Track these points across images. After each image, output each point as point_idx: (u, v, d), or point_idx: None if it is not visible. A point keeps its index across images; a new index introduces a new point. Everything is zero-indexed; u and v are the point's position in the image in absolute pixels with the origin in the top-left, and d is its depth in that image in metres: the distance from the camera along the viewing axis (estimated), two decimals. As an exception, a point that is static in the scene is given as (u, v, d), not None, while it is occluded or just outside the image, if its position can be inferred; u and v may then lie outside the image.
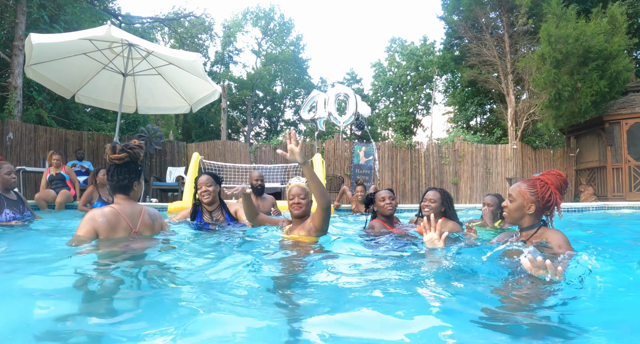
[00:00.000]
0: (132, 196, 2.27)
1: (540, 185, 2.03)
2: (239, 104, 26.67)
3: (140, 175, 2.28)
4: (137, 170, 2.24)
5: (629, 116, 9.86)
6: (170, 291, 1.47)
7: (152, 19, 16.99)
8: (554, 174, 2.07)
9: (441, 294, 1.50)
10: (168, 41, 24.07)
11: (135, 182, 2.25)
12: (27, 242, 2.84)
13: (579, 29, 9.25)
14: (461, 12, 13.95)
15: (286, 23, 28.15)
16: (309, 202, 2.69)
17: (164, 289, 1.51)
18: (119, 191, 2.23)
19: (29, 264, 1.96)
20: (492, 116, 17.66)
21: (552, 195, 2.01)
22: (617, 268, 1.75)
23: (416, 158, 11.62)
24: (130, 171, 2.21)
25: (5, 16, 10.57)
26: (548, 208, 2.05)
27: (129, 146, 2.18)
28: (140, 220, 2.25)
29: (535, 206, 2.02)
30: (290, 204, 2.67)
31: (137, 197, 2.33)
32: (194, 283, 1.59)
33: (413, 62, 24.00)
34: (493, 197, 3.73)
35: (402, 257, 2.21)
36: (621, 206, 7.25)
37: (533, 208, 2.02)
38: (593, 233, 3.95)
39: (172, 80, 8.51)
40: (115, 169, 2.19)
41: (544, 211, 2.06)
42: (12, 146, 8.63)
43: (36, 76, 7.59)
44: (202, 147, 11.74)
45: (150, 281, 1.58)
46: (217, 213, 3.34)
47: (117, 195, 2.24)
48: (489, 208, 3.67)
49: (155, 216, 2.39)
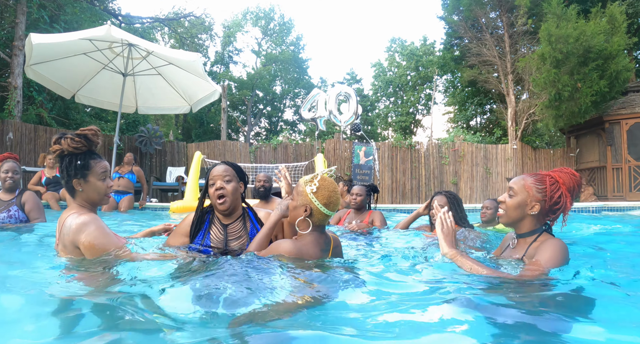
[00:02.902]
0: (79, 198, 1.83)
1: (550, 182, 1.68)
2: (239, 104, 26.67)
3: (83, 170, 1.79)
4: (76, 165, 1.78)
5: (629, 116, 9.86)
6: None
7: (152, 19, 17.00)
8: (568, 173, 1.70)
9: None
10: (168, 41, 24.07)
11: (75, 181, 1.79)
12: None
13: (579, 29, 9.25)
14: (461, 12, 13.95)
15: (286, 23, 28.15)
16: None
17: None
18: (67, 192, 1.86)
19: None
20: (492, 116, 17.66)
21: (562, 196, 1.66)
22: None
23: (416, 158, 11.62)
24: (65, 166, 1.78)
25: (5, 16, 10.57)
26: (554, 212, 1.70)
27: (63, 135, 1.77)
28: (59, 232, 1.80)
29: (540, 207, 1.69)
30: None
31: (91, 199, 1.84)
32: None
33: (413, 62, 24.00)
34: (492, 201, 3.71)
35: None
36: (622, 207, 7.25)
37: (537, 208, 1.69)
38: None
39: (172, 81, 8.51)
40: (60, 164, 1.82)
41: (548, 215, 1.72)
42: (12, 146, 8.63)
43: (36, 76, 7.59)
44: (202, 147, 11.75)
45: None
46: (237, 225, 2.01)
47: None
48: (487, 211, 3.65)
49: (67, 230, 1.73)
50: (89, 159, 1.81)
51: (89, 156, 1.82)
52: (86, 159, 1.80)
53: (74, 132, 1.81)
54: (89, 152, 1.82)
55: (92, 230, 1.70)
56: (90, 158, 1.82)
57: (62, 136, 1.76)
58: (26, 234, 3.00)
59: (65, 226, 1.75)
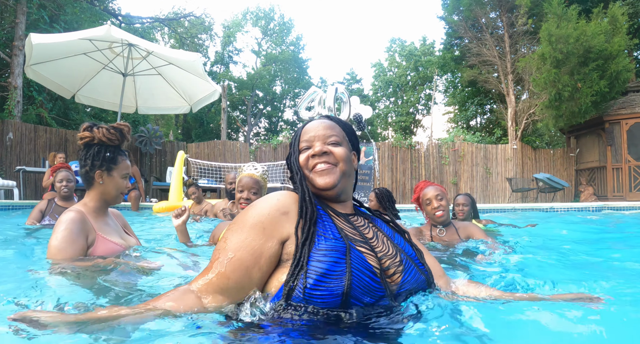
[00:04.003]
0: (94, 191, 1.75)
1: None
2: (239, 104, 26.67)
3: (110, 163, 1.73)
4: (105, 156, 1.71)
5: (629, 116, 9.86)
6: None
7: (152, 19, 17.00)
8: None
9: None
10: (168, 41, 24.07)
11: (99, 172, 1.71)
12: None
13: (580, 29, 9.25)
14: (461, 12, 13.95)
15: (286, 23, 28.16)
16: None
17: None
18: (83, 182, 1.77)
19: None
20: (492, 116, 17.66)
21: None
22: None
23: (416, 158, 11.62)
24: (92, 155, 1.70)
25: (5, 16, 10.56)
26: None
27: (95, 125, 1.71)
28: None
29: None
30: (238, 199, 2.18)
31: (107, 194, 1.77)
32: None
33: (413, 62, 24.02)
34: (466, 196, 3.55)
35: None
36: (623, 207, 7.25)
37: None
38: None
39: (172, 81, 8.51)
40: (81, 152, 1.74)
41: None
42: (12, 146, 8.63)
43: (36, 76, 7.59)
44: (202, 147, 11.75)
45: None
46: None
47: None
48: (465, 208, 3.49)
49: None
50: (117, 154, 1.76)
51: (118, 152, 1.76)
52: (115, 153, 1.75)
53: (108, 124, 1.74)
54: (117, 148, 1.77)
55: (60, 230, 1.59)
56: (119, 154, 1.76)
57: (94, 125, 1.69)
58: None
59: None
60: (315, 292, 0.91)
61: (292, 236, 1.00)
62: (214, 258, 1.00)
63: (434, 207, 2.55)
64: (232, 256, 0.97)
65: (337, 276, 0.93)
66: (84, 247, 1.62)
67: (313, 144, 1.15)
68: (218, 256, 0.99)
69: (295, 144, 1.19)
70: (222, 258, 0.97)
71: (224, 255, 0.98)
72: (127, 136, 1.76)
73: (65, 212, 1.67)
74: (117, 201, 1.81)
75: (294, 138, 1.20)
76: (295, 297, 0.93)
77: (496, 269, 1.86)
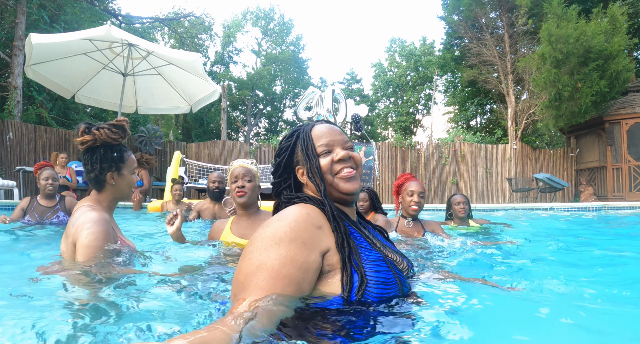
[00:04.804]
0: (108, 192, 1.70)
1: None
2: (239, 104, 26.68)
3: (118, 163, 1.69)
4: (112, 157, 1.66)
5: (629, 116, 9.86)
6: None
7: (152, 19, 17.00)
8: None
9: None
10: (168, 41, 24.08)
11: (110, 174, 1.67)
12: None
13: (580, 29, 9.25)
14: (461, 12, 13.95)
15: (286, 23, 28.17)
16: (256, 188, 2.29)
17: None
18: (92, 186, 1.72)
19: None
20: (492, 116, 17.67)
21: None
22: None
23: (416, 158, 11.62)
24: (99, 158, 1.64)
25: (5, 16, 10.57)
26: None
27: (95, 126, 1.64)
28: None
29: None
30: (233, 189, 2.25)
31: (121, 193, 1.74)
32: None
33: (413, 62, 24.03)
34: (463, 195, 3.61)
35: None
36: (622, 207, 7.25)
37: None
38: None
39: (172, 81, 8.51)
40: (84, 156, 1.67)
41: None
42: (12, 146, 8.63)
43: (36, 76, 7.59)
44: (202, 147, 11.75)
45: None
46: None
47: (92, 192, 1.74)
48: (465, 206, 3.53)
49: (74, 220, 1.60)
50: (123, 151, 1.70)
51: (122, 148, 1.70)
52: (121, 151, 1.69)
53: (106, 123, 1.66)
54: (120, 144, 1.70)
55: (95, 230, 1.51)
56: (123, 150, 1.70)
57: (92, 126, 1.61)
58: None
59: (75, 215, 1.60)
60: (375, 299, 0.95)
61: (332, 248, 0.97)
62: (249, 281, 0.89)
63: (414, 201, 2.73)
64: (279, 274, 0.88)
65: (392, 283, 0.99)
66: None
67: (334, 148, 1.12)
68: (255, 276, 0.89)
69: (310, 149, 1.12)
70: (265, 277, 0.88)
71: (264, 274, 0.88)
72: (128, 130, 1.72)
73: (91, 211, 1.57)
74: (129, 196, 1.79)
75: (304, 143, 1.14)
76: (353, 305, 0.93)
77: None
